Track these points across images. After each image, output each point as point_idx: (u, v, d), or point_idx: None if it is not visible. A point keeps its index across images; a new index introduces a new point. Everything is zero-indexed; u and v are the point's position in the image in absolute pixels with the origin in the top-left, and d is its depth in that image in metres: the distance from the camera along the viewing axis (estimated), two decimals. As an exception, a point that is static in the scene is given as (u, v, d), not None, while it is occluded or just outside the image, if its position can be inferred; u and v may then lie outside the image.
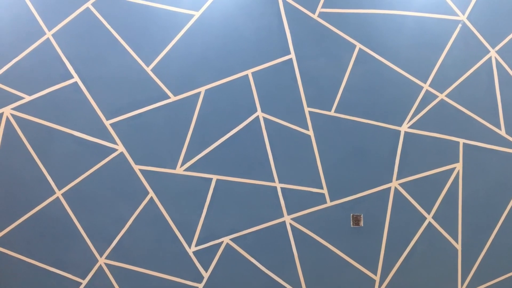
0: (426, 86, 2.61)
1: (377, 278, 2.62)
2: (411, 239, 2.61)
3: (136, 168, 2.58)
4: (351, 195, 2.61)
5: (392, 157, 2.61)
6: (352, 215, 2.60)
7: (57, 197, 2.56)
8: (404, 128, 2.61)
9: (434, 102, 2.61)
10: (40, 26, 2.55)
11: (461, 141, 2.62)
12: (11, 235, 2.54)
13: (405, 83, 2.61)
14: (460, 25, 2.61)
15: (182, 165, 2.59)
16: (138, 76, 2.58)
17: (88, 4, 2.57)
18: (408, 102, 2.61)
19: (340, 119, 2.61)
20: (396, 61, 2.61)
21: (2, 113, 2.55)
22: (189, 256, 2.59)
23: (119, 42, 2.58)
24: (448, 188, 2.61)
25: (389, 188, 2.61)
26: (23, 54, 2.55)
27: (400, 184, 2.61)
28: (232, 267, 2.59)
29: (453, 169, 2.62)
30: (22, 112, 2.55)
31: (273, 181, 2.60)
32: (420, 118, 2.61)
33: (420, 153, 2.61)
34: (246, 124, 2.60)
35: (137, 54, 2.58)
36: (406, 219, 2.61)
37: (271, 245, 2.60)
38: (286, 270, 2.60)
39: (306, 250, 2.60)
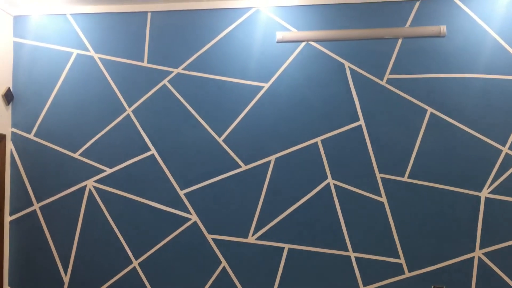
0: (505, 149, 2.50)
1: None
2: (501, 314, 2.42)
3: (209, 237, 2.61)
4: (431, 265, 2.48)
5: (473, 225, 2.47)
6: (434, 287, 2.46)
7: (134, 267, 2.62)
8: (485, 193, 2.49)
9: (516, 166, 2.49)
10: (122, 103, 2.74)
11: (550, 206, 2.45)
12: (90, 304, 2.62)
13: (482, 147, 2.52)
14: (538, 86, 2.52)
15: (253, 233, 2.59)
16: (210, 147, 2.67)
17: (165, 81, 2.74)
18: (487, 166, 2.50)
19: (415, 184, 2.54)
20: (470, 124, 2.54)
21: (86, 186, 2.70)
22: (263, 329, 2.53)
23: (192, 115, 2.70)
24: (539, 258, 2.42)
25: (473, 258, 2.46)
26: (105, 130, 2.73)
27: (484, 254, 2.46)
28: None
29: (543, 237, 2.44)
30: (103, 184, 2.70)
31: (347, 250, 2.54)
32: (501, 182, 2.48)
33: (504, 219, 2.46)
34: (317, 192, 2.59)
35: (209, 126, 2.69)
36: (493, 292, 2.43)
37: (347, 318, 2.49)
38: None
39: (385, 324, 2.47)
